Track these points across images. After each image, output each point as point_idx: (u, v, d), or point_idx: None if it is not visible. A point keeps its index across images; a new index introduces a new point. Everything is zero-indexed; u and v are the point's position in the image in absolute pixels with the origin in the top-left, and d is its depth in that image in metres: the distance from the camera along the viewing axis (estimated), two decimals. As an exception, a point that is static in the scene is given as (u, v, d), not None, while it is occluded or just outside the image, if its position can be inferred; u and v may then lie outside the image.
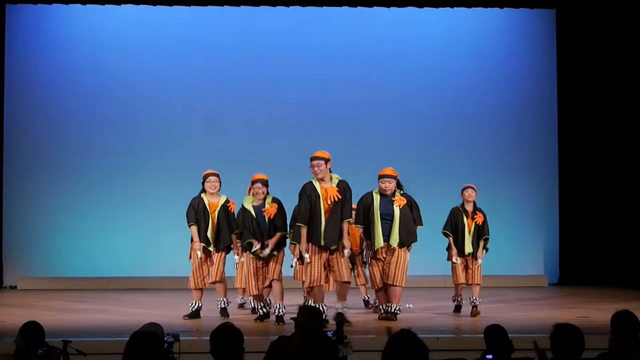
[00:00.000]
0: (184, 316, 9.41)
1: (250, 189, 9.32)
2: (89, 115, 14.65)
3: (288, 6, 14.67)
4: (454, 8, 14.85)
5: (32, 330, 5.21)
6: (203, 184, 9.66)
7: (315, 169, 8.82)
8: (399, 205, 9.11)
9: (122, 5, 14.56)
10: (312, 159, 8.88)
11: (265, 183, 9.12)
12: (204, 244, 9.44)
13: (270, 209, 8.99)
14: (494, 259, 14.30)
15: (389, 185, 9.16)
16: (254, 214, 9.03)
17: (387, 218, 9.09)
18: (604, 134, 14.81)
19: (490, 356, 4.82)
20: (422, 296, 11.58)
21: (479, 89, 15.09)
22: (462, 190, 9.97)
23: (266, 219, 8.99)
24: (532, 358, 5.04)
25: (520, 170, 15.10)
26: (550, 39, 15.20)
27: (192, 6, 14.59)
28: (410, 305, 10.61)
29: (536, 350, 4.46)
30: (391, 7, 14.76)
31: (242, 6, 14.59)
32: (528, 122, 15.19)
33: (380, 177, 9.24)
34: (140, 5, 14.57)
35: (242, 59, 14.80)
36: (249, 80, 14.76)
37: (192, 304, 9.45)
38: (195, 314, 9.42)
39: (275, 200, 9.09)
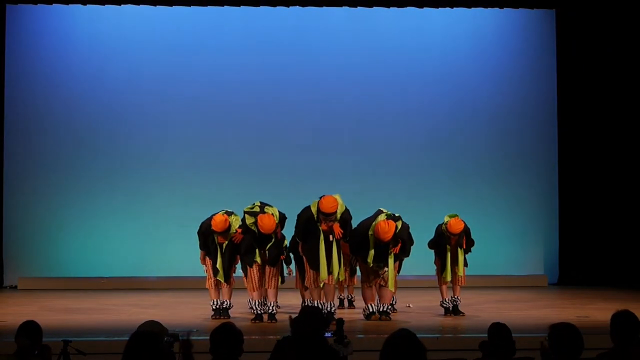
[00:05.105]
0: (211, 317, 9.42)
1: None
2: (89, 115, 14.63)
3: (288, 6, 14.66)
4: (454, 8, 14.84)
5: (31, 329, 5.21)
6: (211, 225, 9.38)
7: (328, 224, 8.86)
8: (396, 252, 9.14)
9: (122, 5, 14.55)
10: (325, 214, 8.84)
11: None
12: (213, 272, 9.46)
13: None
14: (494, 259, 14.39)
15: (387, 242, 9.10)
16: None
17: (382, 258, 9.13)
18: (604, 133, 14.80)
19: None
20: (421, 296, 11.58)
21: (478, 88, 15.09)
22: (447, 229, 9.56)
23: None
24: (532, 358, 5.04)
25: (520, 170, 15.09)
26: (550, 39, 15.19)
27: (192, 6, 14.58)
28: (410, 305, 10.64)
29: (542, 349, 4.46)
30: (391, 7, 14.76)
31: (242, 6, 14.59)
32: (528, 122, 15.18)
33: (378, 239, 9.01)
34: (141, 5, 14.56)
35: (242, 58, 14.78)
36: (248, 80, 14.75)
37: (211, 303, 9.49)
38: (220, 312, 9.43)
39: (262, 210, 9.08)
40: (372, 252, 9.05)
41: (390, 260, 9.13)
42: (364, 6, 14.66)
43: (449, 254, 9.64)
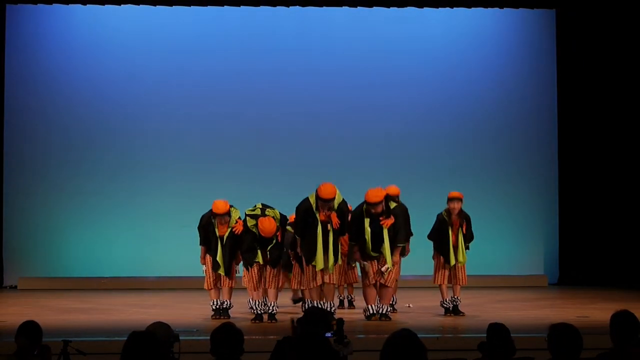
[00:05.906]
0: (211, 317, 9.43)
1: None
2: (89, 115, 14.64)
3: (288, 6, 14.66)
4: (454, 8, 14.85)
5: (30, 329, 5.21)
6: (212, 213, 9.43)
7: (326, 210, 8.90)
8: (386, 226, 9.14)
9: (122, 5, 14.55)
10: (323, 200, 8.88)
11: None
12: (212, 264, 9.47)
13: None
14: (494, 259, 14.39)
15: (378, 211, 9.13)
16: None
17: (378, 238, 9.14)
18: (604, 134, 14.81)
19: None
20: (422, 296, 11.58)
21: (478, 89, 15.09)
22: (448, 201, 9.81)
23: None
24: (532, 358, 5.04)
25: (520, 170, 15.10)
26: (550, 39, 15.19)
27: (192, 6, 14.58)
28: (410, 305, 10.64)
29: None
30: (391, 7, 14.76)
31: (242, 6, 14.59)
32: (528, 122, 15.18)
33: (368, 204, 9.11)
34: (140, 5, 14.57)
35: (242, 59, 14.79)
36: (249, 79, 14.76)
37: (211, 303, 9.50)
38: (220, 312, 9.44)
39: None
40: (367, 228, 9.06)
41: (386, 243, 9.10)
42: (364, 6, 14.67)
43: (450, 238, 9.65)
